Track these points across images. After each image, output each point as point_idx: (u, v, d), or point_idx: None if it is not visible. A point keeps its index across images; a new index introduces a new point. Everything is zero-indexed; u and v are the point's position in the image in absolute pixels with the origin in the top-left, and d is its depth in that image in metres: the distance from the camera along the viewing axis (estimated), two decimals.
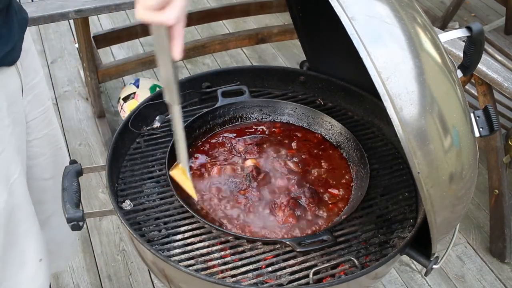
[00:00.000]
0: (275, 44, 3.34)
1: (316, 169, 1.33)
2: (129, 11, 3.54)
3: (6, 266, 1.23)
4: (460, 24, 3.46)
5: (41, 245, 1.32)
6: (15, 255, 1.25)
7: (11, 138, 1.17)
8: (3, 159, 1.15)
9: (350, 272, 1.10)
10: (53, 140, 1.41)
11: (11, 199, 1.19)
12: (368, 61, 0.82)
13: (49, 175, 1.39)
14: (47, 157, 1.39)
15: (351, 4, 0.84)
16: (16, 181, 1.20)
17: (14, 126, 1.19)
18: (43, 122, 1.35)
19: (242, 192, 1.24)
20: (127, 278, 2.07)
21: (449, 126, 0.89)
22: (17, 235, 1.24)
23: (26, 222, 1.25)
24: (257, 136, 1.41)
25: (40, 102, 1.33)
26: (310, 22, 1.49)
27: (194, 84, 1.50)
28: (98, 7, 2.20)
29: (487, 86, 1.84)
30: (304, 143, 1.40)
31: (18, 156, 1.21)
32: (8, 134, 1.16)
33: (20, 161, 1.23)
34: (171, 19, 0.82)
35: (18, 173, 1.20)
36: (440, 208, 0.92)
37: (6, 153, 1.16)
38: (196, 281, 1.04)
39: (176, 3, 0.82)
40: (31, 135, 1.31)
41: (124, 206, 1.20)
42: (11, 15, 1.14)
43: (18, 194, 1.21)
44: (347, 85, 1.50)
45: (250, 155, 1.34)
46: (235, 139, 1.39)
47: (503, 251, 2.16)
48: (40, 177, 1.38)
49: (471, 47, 1.06)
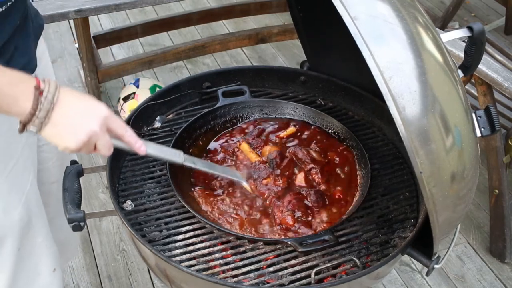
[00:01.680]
0: (275, 44, 3.34)
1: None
2: (129, 11, 3.54)
3: (20, 277, 1.23)
4: (460, 24, 3.46)
5: (55, 255, 1.32)
6: (30, 266, 1.25)
7: (24, 150, 1.17)
8: (17, 171, 1.15)
9: (352, 272, 1.10)
10: None
11: (27, 210, 1.18)
12: (371, 61, 0.82)
13: (55, 178, 1.38)
14: (55, 161, 1.38)
15: (354, 3, 0.84)
16: (30, 191, 1.20)
17: (27, 137, 1.18)
18: None
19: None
20: (127, 278, 2.07)
21: (451, 126, 0.89)
22: (32, 246, 1.23)
23: (41, 233, 1.25)
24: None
25: None
26: (310, 22, 1.49)
27: (195, 84, 1.50)
28: (98, 7, 2.20)
29: (487, 86, 1.85)
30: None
31: (30, 166, 1.21)
32: (22, 145, 1.16)
33: (33, 171, 1.22)
34: (105, 154, 0.97)
35: (30, 183, 1.20)
36: (442, 207, 0.92)
37: (20, 164, 1.16)
38: (197, 281, 1.04)
39: (100, 149, 0.95)
40: (41, 140, 1.30)
41: (125, 206, 1.20)
42: (28, 25, 1.12)
43: (32, 205, 1.21)
44: (348, 85, 1.50)
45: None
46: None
47: (503, 251, 2.16)
48: (47, 181, 1.38)
49: (472, 47, 1.06)
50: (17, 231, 1.17)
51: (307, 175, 1.29)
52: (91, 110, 0.93)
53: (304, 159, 1.31)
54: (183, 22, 3.03)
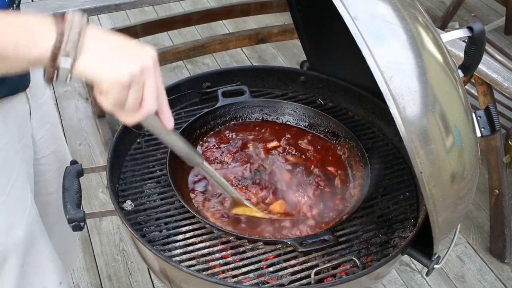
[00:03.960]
0: (275, 44, 3.34)
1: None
2: (129, 11, 3.54)
3: None
4: (460, 24, 3.46)
5: (60, 269, 1.30)
6: (36, 281, 1.23)
7: (21, 164, 1.15)
8: (18, 187, 1.13)
9: (352, 272, 1.10)
10: (60, 155, 1.38)
11: (30, 226, 1.17)
12: (371, 61, 0.82)
13: (54, 189, 1.36)
14: (53, 172, 1.36)
15: (354, 3, 0.84)
16: (31, 207, 1.18)
17: (24, 151, 1.17)
18: (50, 139, 1.32)
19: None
20: (127, 278, 2.07)
21: (451, 126, 0.89)
22: (37, 262, 1.21)
23: (47, 248, 1.23)
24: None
25: (47, 120, 1.30)
26: (310, 22, 1.49)
27: (195, 84, 1.49)
28: (98, 7, 2.20)
29: (487, 86, 1.85)
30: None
31: (27, 182, 1.19)
32: (19, 160, 1.14)
33: (30, 186, 1.21)
34: (151, 111, 0.81)
35: (30, 199, 1.19)
36: (442, 207, 0.92)
37: (19, 181, 1.14)
38: (197, 281, 1.04)
39: (147, 97, 0.79)
40: (38, 153, 1.28)
41: (125, 206, 1.20)
42: None
43: (35, 220, 1.19)
44: (348, 85, 1.50)
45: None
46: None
47: (503, 251, 2.16)
48: (45, 192, 1.36)
49: (472, 47, 1.06)
50: (21, 249, 1.15)
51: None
52: (138, 45, 0.80)
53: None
54: (183, 22, 3.02)
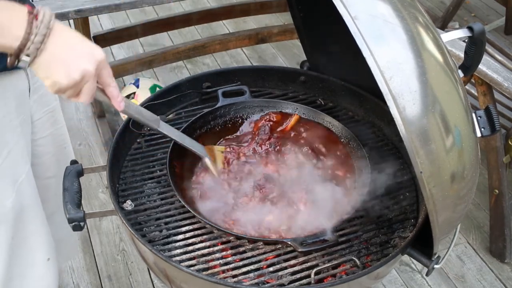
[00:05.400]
0: (275, 44, 3.34)
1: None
2: (129, 11, 3.54)
3: (14, 265, 1.24)
4: (460, 24, 3.46)
5: (49, 245, 1.32)
6: (23, 254, 1.26)
7: (19, 139, 1.17)
8: (11, 160, 1.15)
9: (352, 272, 1.10)
10: (58, 139, 1.41)
11: (20, 199, 1.19)
12: (371, 61, 0.82)
13: (52, 173, 1.39)
14: (51, 155, 1.39)
15: (354, 3, 0.84)
16: (24, 181, 1.20)
17: (22, 126, 1.18)
18: (48, 121, 1.35)
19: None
20: (127, 278, 2.07)
21: (451, 126, 0.89)
22: (25, 235, 1.24)
23: (34, 222, 1.26)
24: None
25: (46, 103, 1.32)
26: (310, 22, 1.49)
27: (195, 84, 1.50)
28: (98, 7, 2.20)
29: (487, 86, 1.85)
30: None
31: (25, 157, 1.22)
32: (17, 135, 1.16)
33: (28, 161, 1.23)
34: (86, 101, 0.91)
35: (26, 173, 1.21)
36: (442, 207, 0.92)
37: (14, 153, 1.16)
38: (197, 281, 1.04)
39: (83, 94, 0.89)
40: (36, 134, 1.31)
41: (125, 206, 1.20)
42: None
43: (26, 194, 1.21)
44: (348, 85, 1.50)
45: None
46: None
47: (503, 251, 2.16)
48: (43, 176, 1.38)
49: (472, 47, 1.06)
50: (10, 219, 1.18)
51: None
52: (89, 49, 0.89)
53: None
54: (183, 22, 3.02)
